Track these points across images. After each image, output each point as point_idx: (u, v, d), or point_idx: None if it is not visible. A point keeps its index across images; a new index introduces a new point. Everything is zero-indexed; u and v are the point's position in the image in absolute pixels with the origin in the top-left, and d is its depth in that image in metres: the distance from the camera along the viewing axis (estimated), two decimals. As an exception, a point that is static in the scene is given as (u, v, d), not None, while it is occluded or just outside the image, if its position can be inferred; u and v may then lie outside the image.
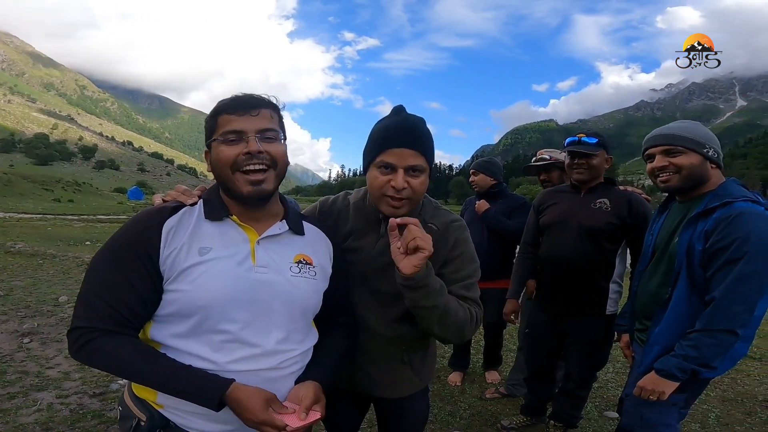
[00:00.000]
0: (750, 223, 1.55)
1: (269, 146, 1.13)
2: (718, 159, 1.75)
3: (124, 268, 1.07)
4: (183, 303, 1.07)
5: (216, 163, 1.14)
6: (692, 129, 1.77)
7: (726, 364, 1.67)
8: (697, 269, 1.66)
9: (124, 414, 1.17)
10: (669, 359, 1.66)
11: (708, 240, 1.62)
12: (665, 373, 1.66)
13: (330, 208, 1.56)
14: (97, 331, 1.04)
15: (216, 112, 1.15)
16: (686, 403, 1.76)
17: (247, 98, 1.14)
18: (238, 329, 1.10)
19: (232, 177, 1.12)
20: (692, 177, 1.75)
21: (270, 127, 1.14)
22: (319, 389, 1.17)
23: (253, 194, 1.13)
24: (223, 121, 1.13)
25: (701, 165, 1.74)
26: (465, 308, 1.33)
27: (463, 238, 1.45)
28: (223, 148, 1.12)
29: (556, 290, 2.60)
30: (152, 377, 1.06)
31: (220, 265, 1.10)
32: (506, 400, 3.44)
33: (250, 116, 1.12)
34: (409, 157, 1.30)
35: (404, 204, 1.34)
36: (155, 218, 1.12)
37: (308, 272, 1.23)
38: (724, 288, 1.57)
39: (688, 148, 1.73)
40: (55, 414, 2.88)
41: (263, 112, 1.14)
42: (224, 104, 1.15)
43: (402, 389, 1.56)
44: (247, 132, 1.10)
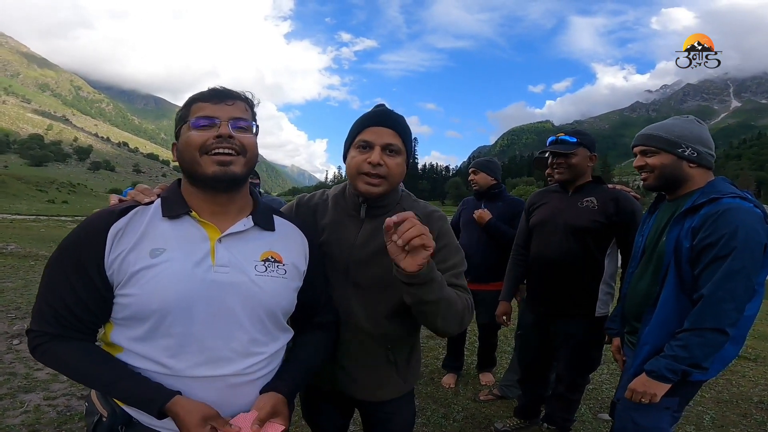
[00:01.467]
0: (737, 219, 1.53)
1: (240, 134, 1.10)
2: (698, 158, 1.70)
3: (67, 274, 1.05)
4: (135, 308, 1.04)
5: (184, 148, 1.10)
6: (669, 128, 1.75)
7: (716, 366, 1.64)
8: (685, 267, 1.63)
9: (89, 409, 1.15)
10: (659, 360, 1.63)
11: (695, 237, 1.60)
12: (656, 374, 1.62)
13: (307, 203, 1.55)
14: (46, 335, 1.04)
15: (190, 101, 1.13)
16: (679, 406, 1.72)
17: (223, 89, 1.13)
18: (195, 333, 1.06)
19: (198, 159, 1.08)
20: (665, 177, 1.74)
21: (243, 117, 1.12)
22: (280, 401, 1.12)
23: (219, 174, 1.08)
24: (196, 108, 1.11)
25: (673, 165, 1.72)
26: (461, 297, 1.31)
27: (446, 229, 1.43)
28: (193, 132, 1.08)
29: (543, 290, 2.59)
30: (97, 382, 1.05)
31: (174, 266, 1.05)
32: (500, 402, 3.41)
33: (224, 104, 1.10)
34: (385, 135, 1.32)
35: (381, 183, 1.33)
36: (101, 222, 1.07)
37: (276, 271, 1.17)
38: (713, 285, 1.54)
39: (659, 148, 1.73)
40: (42, 416, 2.85)
41: (238, 103, 1.13)
42: (199, 93, 1.14)
43: (386, 392, 1.50)
44: (220, 118, 1.09)
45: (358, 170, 1.34)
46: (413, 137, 1.46)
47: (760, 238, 1.53)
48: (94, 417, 1.12)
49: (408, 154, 1.39)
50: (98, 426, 1.10)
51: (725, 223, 1.53)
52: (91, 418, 1.13)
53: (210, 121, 1.08)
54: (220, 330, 1.08)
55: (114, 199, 1.20)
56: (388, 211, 1.42)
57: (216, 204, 1.14)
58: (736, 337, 1.60)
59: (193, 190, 1.14)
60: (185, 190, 1.17)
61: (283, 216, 1.31)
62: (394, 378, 1.49)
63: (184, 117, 1.12)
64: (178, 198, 1.14)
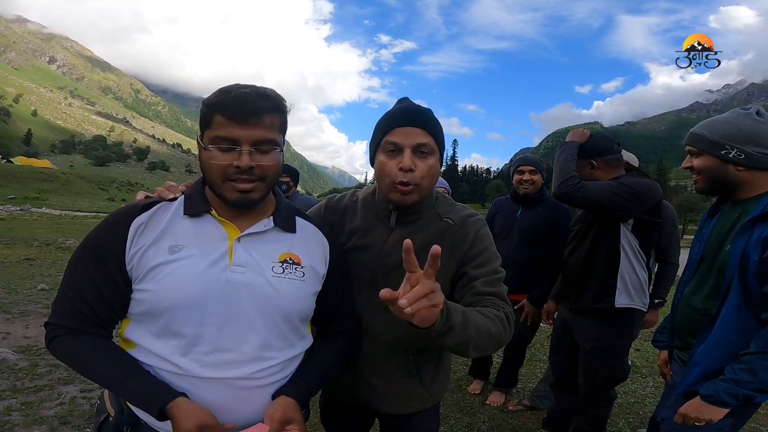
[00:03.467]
0: None
1: (262, 159, 1.05)
2: (745, 161, 1.49)
3: (88, 269, 1.05)
4: (150, 303, 1.03)
5: (205, 165, 1.07)
6: (715, 125, 1.56)
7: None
8: (752, 281, 1.44)
9: (99, 407, 1.15)
10: (718, 384, 1.46)
11: (767, 248, 1.41)
12: (713, 399, 1.47)
13: (336, 205, 1.48)
14: (62, 329, 1.05)
15: (212, 107, 1.04)
16: (733, 427, 1.55)
17: (250, 99, 1.03)
18: (206, 333, 1.04)
19: (219, 184, 1.06)
20: (710, 181, 1.58)
21: (267, 138, 1.05)
22: (292, 406, 1.08)
23: (239, 201, 1.07)
24: (217, 122, 1.04)
25: (717, 168, 1.54)
26: (493, 318, 1.14)
27: (484, 233, 1.33)
28: (214, 154, 1.04)
29: (571, 289, 2.58)
30: (104, 379, 1.04)
31: (191, 264, 1.04)
32: (529, 413, 3.27)
33: (248, 125, 1.03)
34: (415, 135, 1.22)
35: (414, 190, 1.24)
36: (123, 216, 1.08)
37: (294, 273, 1.14)
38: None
39: (701, 149, 1.57)
40: (75, 408, 2.95)
41: (265, 119, 1.05)
42: (224, 103, 1.03)
43: (409, 405, 1.41)
44: (242, 142, 1.03)
45: (391, 179, 1.24)
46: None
47: None
48: (102, 416, 1.11)
49: (441, 152, 1.30)
50: (104, 425, 1.10)
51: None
52: (98, 416, 1.13)
53: (231, 144, 1.03)
54: (232, 331, 1.06)
55: (141, 195, 1.20)
56: (421, 217, 1.34)
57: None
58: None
59: (213, 194, 1.13)
60: (209, 189, 1.15)
61: (305, 218, 1.28)
62: (420, 391, 1.40)
63: (207, 121, 1.06)
64: (201, 196, 1.13)
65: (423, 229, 1.33)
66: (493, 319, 1.14)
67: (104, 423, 1.10)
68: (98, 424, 1.11)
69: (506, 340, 1.18)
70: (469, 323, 1.05)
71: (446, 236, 1.31)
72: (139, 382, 1.01)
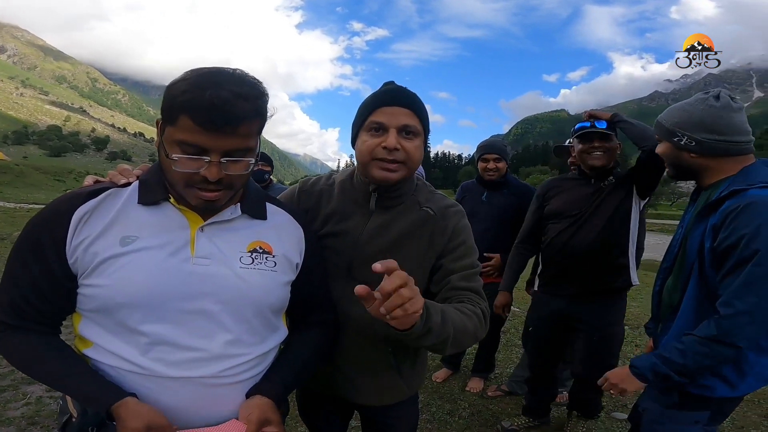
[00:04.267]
0: (760, 215, 1.31)
1: (233, 168, 0.95)
2: (697, 147, 1.46)
3: (26, 262, 0.96)
4: (102, 300, 0.94)
5: (166, 167, 0.97)
6: (671, 113, 1.55)
7: (751, 383, 1.46)
8: (709, 271, 1.43)
9: (62, 407, 1.08)
10: (650, 358, 1.48)
11: (716, 236, 1.39)
12: (638, 371, 1.49)
13: (311, 189, 1.40)
14: (1, 325, 0.97)
15: (180, 106, 0.89)
16: (711, 421, 1.53)
17: (227, 108, 0.87)
18: (168, 331, 0.96)
19: (182, 189, 0.96)
20: (672, 167, 1.58)
21: (240, 147, 0.94)
22: (268, 407, 1.01)
23: (201, 206, 0.99)
24: (183, 125, 0.89)
25: (673, 155, 1.54)
26: (470, 314, 1.14)
27: (463, 225, 1.30)
28: (176, 157, 0.92)
29: (573, 275, 2.46)
30: (46, 378, 0.98)
31: (147, 256, 0.96)
32: (508, 398, 3.31)
33: (221, 134, 0.90)
34: (401, 116, 1.18)
35: (399, 168, 1.20)
36: (64, 205, 0.97)
37: (264, 263, 1.06)
38: (731, 294, 1.34)
39: (660, 136, 1.58)
40: (42, 408, 2.84)
41: (240, 129, 0.91)
42: (192, 104, 0.87)
43: (387, 397, 1.39)
44: (211, 152, 0.91)
45: (372, 155, 1.19)
46: None
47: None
48: (65, 416, 1.05)
49: (426, 135, 1.26)
50: (67, 426, 1.04)
51: (747, 221, 1.32)
52: (61, 416, 1.06)
53: (199, 153, 0.91)
54: (196, 328, 0.98)
55: (90, 180, 1.11)
56: (402, 202, 1.30)
57: None
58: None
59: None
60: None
61: (276, 203, 1.20)
62: (398, 383, 1.37)
63: (170, 117, 0.92)
64: (159, 182, 1.02)
65: (402, 217, 1.29)
66: (471, 316, 1.13)
67: (67, 424, 1.04)
68: (61, 425, 1.05)
69: (482, 335, 1.17)
70: (447, 322, 1.03)
71: (425, 226, 1.28)
72: (83, 380, 0.94)
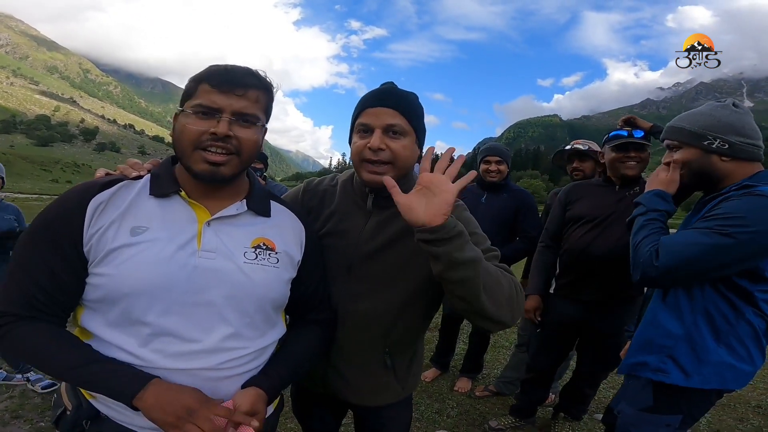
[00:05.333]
0: (757, 205, 1.31)
1: (241, 131, 1.00)
2: (730, 150, 1.45)
3: (41, 250, 0.96)
4: (107, 289, 0.95)
5: (179, 134, 1.01)
6: (695, 117, 1.53)
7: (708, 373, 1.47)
8: None
9: (56, 401, 1.08)
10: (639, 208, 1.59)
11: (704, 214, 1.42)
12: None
13: (315, 189, 1.43)
14: (10, 316, 0.95)
15: (199, 78, 1.01)
16: (682, 424, 1.56)
17: (239, 73, 1.01)
18: (170, 323, 0.97)
19: (190, 153, 1.00)
20: (694, 174, 1.53)
21: (249, 110, 1.01)
22: (260, 399, 1.02)
23: (206, 173, 1.00)
24: (202, 90, 0.99)
25: (701, 160, 1.50)
26: (500, 270, 1.10)
27: (466, 217, 1.27)
28: (191, 120, 0.99)
29: (593, 281, 2.42)
30: (61, 368, 0.95)
31: (155, 247, 0.97)
32: (496, 398, 3.34)
33: (233, 94, 0.99)
34: (385, 116, 1.19)
35: (387, 170, 1.20)
36: (81, 194, 0.99)
37: (267, 259, 1.08)
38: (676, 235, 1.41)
39: (683, 141, 1.53)
40: (26, 401, 2.83)
41: (250, 93, 1.01)
42: (211, 73, 1.00)
43: (382, 398, 1.38)
44: (223, 111, 0.98)
45: (360, 157, 1.21)
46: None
47: (760, 237, 1.30)
48: (59, 409, 1.05)
49: (418, 134, 1.25)
50: (61, 419, 1.04)
51: (738, 205, 1.33)
52: (55, 410, 1.07)
53: (210, 111, 0.98)
54: (199, 321, 0.99)
55: (101, 172, 1.13)
56: None
57: (207, 187, 1.06)
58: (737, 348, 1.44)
59: (183, 173, 1.07)
60: (179, 168, 1.08)
61: (280, 202, 1.22)
62: (392, 384, 1.37)
63: (190, 93, 1.02)
64: (170, 176, 1.06)
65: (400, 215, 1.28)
66: (505, 275, 1.10)
67: (61, 417, 1.04)
68: (55, 418, 1.05)
69: (519, 307, 1.10)
70: (475, 250, 1.00)
71: None
72: (102, 369, 0.94)
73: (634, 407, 1.60)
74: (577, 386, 2.74)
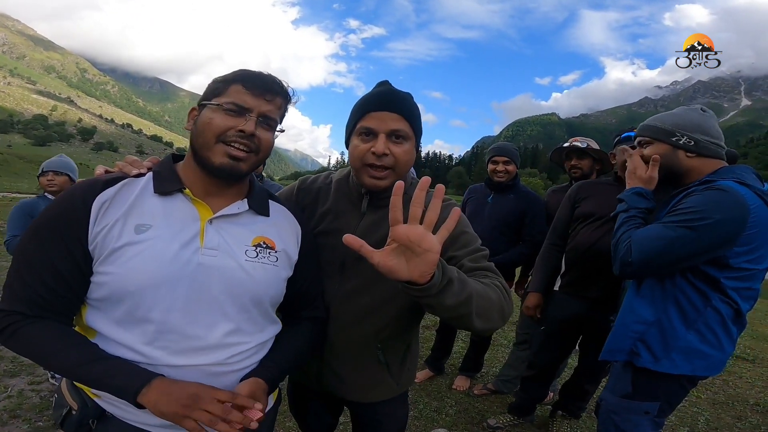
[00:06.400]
0: (714, 199, 1.41)
1: (263, 132, 1.05)
2: (695, 147, 1.59)
3: (47, 248, 0.96)
4: (112, 287, 0.96)
5: (203, 127, 1.03)
6: (665, 117, 1.68)
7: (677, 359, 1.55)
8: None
9: (58, 402, 1.07)
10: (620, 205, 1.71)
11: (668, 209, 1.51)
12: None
13: (309, 187, 1.43)
14: (17, 315, 0.96)
15: (232, 80, 1.05)
16: (660, 412, 1.63)
17: (269, 80, 1.07)
18: (175, 319, 0.98)
19: (212, 145, 1.02)
20: (662, 168, 1.66)
21: (274, 116, 1.07)
22: (261, 388, 1.04)
23: (225, 167, 1.02)
24: (234, 90, 1.03)
25: (668, 155, 1.63)
26: (489, 284, 1.08)
27: (460, 219, 1.28)
28: (220, 114, 1.02)
29: (597, 278, 2.44)
30: (68, 365, 0.95)
31: (159, 245, 0.98)
32: (494, 397, 3.35)
33: (263, 99, 1.04)
34: (390, 120, 1.19)
35: (388, 175, 1.21)
36: (84, 192, 0.99)
37: (267, 258, 1.10)
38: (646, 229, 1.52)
39: (653, 137, 1.67)
40: (24, 401, 2.81)
41: (277, 100, 1.07)
42: (245, 76, 1.05)
43: (376, 394, 1.39)
44: (252, 111, 1.03)
45: (363, 161, 1.21)
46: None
47: (728, 228, 1.39)
48: (63, 410, 1.05)
49: (417, 138, 1.27)
50: (67, 419, 1.04)
51: (699, 199, 1.43)
52: (59, 411, 1.06)
53: (241, 110, 1.02)
54: (202, 317, 1.01)
55: (100, 170, 1.13)
56: None
57: (212, 184, 1.08)
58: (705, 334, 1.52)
59: (194, 166, 1.07)
60: (184, 165, 1.10)
61: (278, 201, 1.24)
62: (386, 380, 1.38)
63: (218, 92, 1.05)
64: (172, 174, 1.08)
65: None
66: (491, 286, 1.08)
67: (67, 417, 1.03)
68: (60, 419, 1.05)
69: (509, 310, 1.09)
70: (467, 282, 0.97)
71: None
72: (108, 366, 0.94)
73: (615, 395, 1.69)
74: (577, 382, 2.75)
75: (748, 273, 1.47)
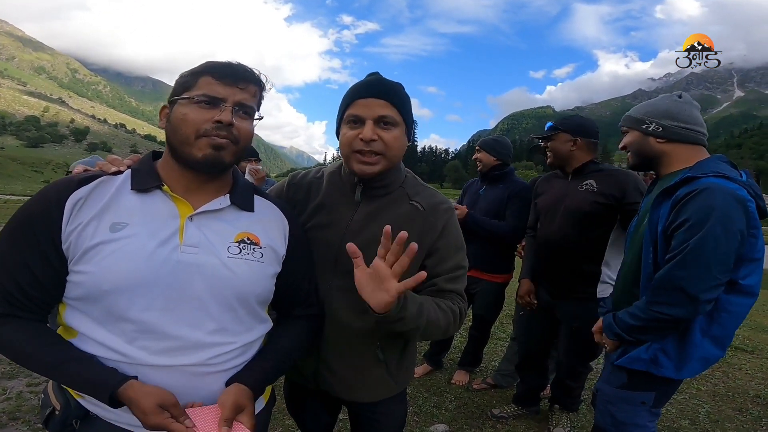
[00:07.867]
0: (709, 201, 1.41)
1: (240, 121, 1.03)
2: (663, 133, 1.64)
3: (19, 248, 0.95)
4: (88, 287, 0.94)
5: (178, 123, 1.00)
6: (640, 106, 1.75)
7: (694, 366, 1.55)
8: (660, 252, 1.54)
9: (44, 401, 1.06)
10: (607, 317, 1.68)
11: (668, 219, 1.51)
12: (605, 328, 1.69)
13: (300, 182, 1.42)
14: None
15: (200, 71, 1.03)
16: (656, 401, 1.64)
17: (240, 68, 1.04)
18: (155, 319, 0.96)
19: (192, 141, 1.00)
20: (636, 155, 1.73)
21: (249, 104, 1.05)
22: (244, 395, 1.00)
23: (209, 159, 1.00)
24: (204, 82, 1.01)
25: (640, 142, 1.70)
26: (447, 310, 1.19)
27: (452, 223, 1.30)
28: (193, 108, 0.99)
29: (548, 273, 2.62)
30: (43, 365, 0.94)
31: (136, 243, 0.95)
32: (494, 391, 3.36)
33: (236, 87, 1.02)
34: (377, 107, 1.19)
35: (378, 161, 1.21)
36: (58, 191, 0.97)
37: (251, 254, 1.07)
38: (670, 267, 1.46)
39: (628, 126, 1.75)
40: (23, 403, 2.79)
41: (250, 87, 1.05)
42: (214, 66, 1.03)
43: (375, 393, 1.38)
44: (226, 101, 1.00)
45: (351, 148, 1.21)
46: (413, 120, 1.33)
47: (733, 225, 1.40)
48: (47, 409, 1.03)
49: (408, 126, 1.26)
50: (50, 419, 1.02)
51: (696, 206, 1.43)
52: (44, 410, 1.05)
53: (214, 101, 1.00)
54: (183, 317, 0.98)
55: (79, 168, 1.11)
56: (389, 193, 1.30)
57: (193, 180, 1.06)
58: (719, 337, 1.52)
59: (172, 163, 1.05)
60: (163, 162, 1.08)
61: (264, 196, 1.22)
62: (384, 379, 1.36)
63: (188, 86, 1.02)
64: (151, 171, 1.05)
65: (390, 208, 1.29)
66: (447, 312, 1.18)
67: (50, 417, 1.02)
68: (44, 418, 1.04)
69: (453, 332, 1.20)
70: (422, 314, 1.10)
71: (414, 222, 1.26)
72: (83, 366, 0.93)
73: (610, 385, 1.70)
74: (559, 379, 2.81)
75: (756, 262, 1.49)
